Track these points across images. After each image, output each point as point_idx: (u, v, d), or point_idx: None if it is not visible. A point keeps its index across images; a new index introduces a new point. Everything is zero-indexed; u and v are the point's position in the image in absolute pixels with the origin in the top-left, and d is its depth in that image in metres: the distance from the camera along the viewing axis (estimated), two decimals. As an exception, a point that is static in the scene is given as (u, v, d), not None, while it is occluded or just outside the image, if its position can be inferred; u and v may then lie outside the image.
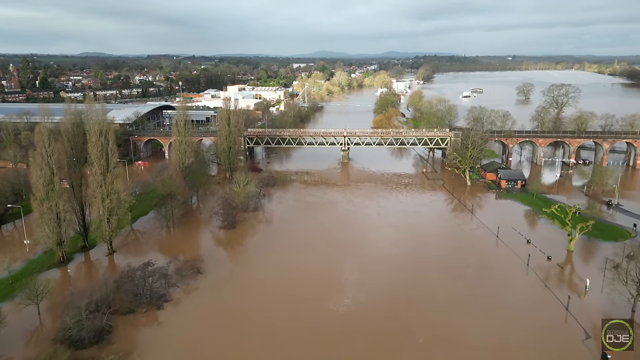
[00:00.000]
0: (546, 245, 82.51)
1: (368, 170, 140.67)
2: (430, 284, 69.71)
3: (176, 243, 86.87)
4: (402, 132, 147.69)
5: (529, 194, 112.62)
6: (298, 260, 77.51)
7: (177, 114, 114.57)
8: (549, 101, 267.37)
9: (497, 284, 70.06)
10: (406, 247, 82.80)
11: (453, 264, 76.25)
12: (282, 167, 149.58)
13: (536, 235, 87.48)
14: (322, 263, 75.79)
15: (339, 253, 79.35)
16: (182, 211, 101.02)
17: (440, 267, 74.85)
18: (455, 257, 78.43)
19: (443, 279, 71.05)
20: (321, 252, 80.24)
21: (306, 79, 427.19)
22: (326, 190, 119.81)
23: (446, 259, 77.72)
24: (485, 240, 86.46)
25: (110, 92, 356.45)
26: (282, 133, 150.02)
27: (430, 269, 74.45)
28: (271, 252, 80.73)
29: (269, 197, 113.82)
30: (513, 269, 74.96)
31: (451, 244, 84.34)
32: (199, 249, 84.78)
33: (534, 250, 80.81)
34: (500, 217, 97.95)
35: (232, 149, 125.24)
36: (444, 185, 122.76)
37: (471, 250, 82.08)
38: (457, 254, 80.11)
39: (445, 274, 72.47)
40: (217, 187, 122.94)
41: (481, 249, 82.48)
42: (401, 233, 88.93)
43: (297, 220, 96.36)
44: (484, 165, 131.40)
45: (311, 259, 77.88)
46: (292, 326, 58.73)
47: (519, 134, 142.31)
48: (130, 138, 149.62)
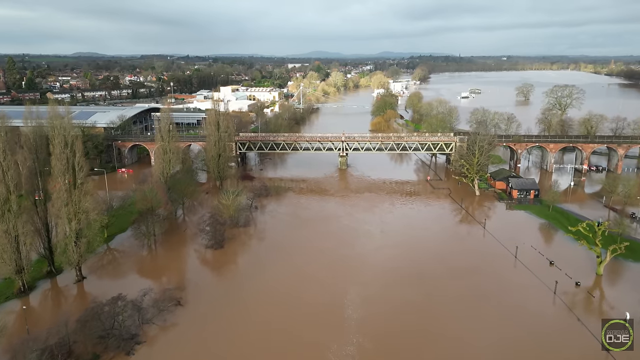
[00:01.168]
0: (571, 267, 73.65)
1: (368, 178, 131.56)
2: (446, 320, 60.50)
3: (156, 266, 77.34)
4: (404, 136, 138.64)
5: (544, 205, 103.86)
6: (293, 291, 67.90)
7: (161, 117, 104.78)
8: (552, 102, 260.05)
9: (521, 316, 60.94)
10: (415, 273, 73.46)
11: (470, 292, 67.13)
12: (276, 174, 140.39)
13: (558, 255, 78.53)
14: (321, 294, 66.09)
15: (340, 281, 69.82)
16: (166, 227, 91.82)
17: (456, 298, 65.54)
18: (472, 285, 69.23)
19: (460, 313, 61.82)
20: (320, 279, 70.68)
21: (301, 80, 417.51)
22: (324, 202, 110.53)
23: (462, 289, 68.37)
24: (503, 261, 77.48)
25: (99, 93, 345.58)
26: (276, 138, 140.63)
27: (444, 301, 65.07)
28: (262, 280, 71.17)
29: (261, 209, 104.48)
30: (537, 297, 66.00)
31: (466, 268, 74.98)
32: (181, 273, 75.25)
33: (559, 273, 71.91)
34: (515, 232, 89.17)
35: (222, 156, 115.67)
36: (450, 195, 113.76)
37: (489, 275, 73.00)
38: (473, 280, 70.92)
39: (463, 307, 63.27)
40: (206, 197, 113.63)
41: (500, 274, 73.44)
42: (408, 256, 79.05)
43: (293, 239, 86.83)
44: (493, 173, 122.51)
45: (308, 288, 68.37)
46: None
47: (528, 138, 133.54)
48: (114, 143, 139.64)
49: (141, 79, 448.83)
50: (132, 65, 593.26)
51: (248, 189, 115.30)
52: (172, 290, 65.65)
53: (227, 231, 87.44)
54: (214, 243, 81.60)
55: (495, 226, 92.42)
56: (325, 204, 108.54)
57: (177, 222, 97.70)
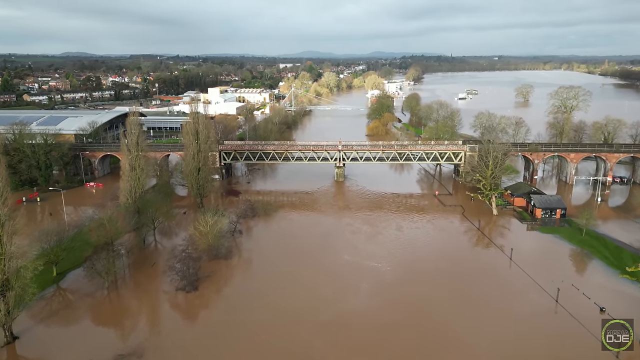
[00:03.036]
0: (625, 313, 59.64)
1: (368, 193, 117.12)
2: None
3: (111, 318, 61.86)
4: (408, 145, 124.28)
5: (574, 227, 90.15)
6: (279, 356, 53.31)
7: (128, 125, 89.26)
8: (556, 105, 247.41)
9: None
10: (435, 332, 59.11)
11: (513, 353, 53.05)
12: (266, 187, 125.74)
13: (607, 298, 64.53)
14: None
15: (341, 352, 54.91)
16: (132, 259, 76.91)
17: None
18: (514, 343, 55.07)
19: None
20: (316, 348, 55.70)
21: (293, 80, 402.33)
22: (320, 226, 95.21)
23: (502, 351, 54.32)
24: (541, 307, 63.08)
25: (79, 94, 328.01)
26: (265, 147, 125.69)
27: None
28: (241, 341, 56.36)
29: (247, 233, 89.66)
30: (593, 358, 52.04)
31: (501, 324, 60.67)
32: (141, 328, 60.16)
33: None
34: (547, 265, 75.32)
35: (202, 171, 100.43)
36: (464, 215, 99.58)
37: (529, 328, 58.73)
38: (512, 337, 56.79)
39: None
40: (185, 216, 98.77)
41: (541, 326, 59.08)
42: (425, 310, 63.05)
43: (281, 283, 70.28)
44: (511, 188, 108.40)
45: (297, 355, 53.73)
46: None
47: (546, 147, 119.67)
48: (81, 154, 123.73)
49: (126, 79, 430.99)
50: (118, 66, 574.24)
51: (233, 206, 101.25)
52: (126, 357, 50.72)
53: (204, 266, 72.59)
54: (186, 284, 66.47)
55: (523, 256, 78.20)
56: (321, 228, 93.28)
57: (148, 250, 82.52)
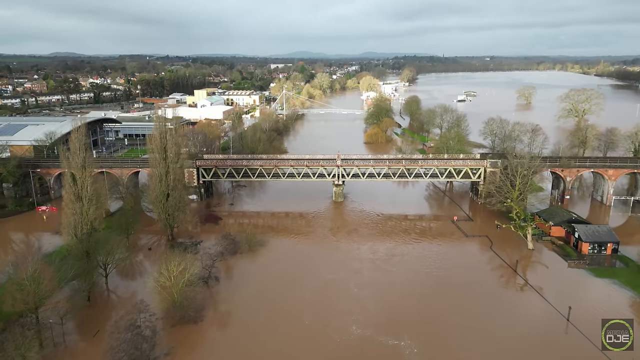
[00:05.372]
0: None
1: (373, 217, 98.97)
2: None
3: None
4: (419, 160, 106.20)
5: (632, 267, 72.64)
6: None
7: (71, 140, 70.51)
8: (567, 108, 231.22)
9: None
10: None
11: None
12: (253, 207, 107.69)
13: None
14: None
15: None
16: (71, 324, 58.37)
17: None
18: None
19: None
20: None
21: (284, 81, 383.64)
22: (316, 270, 75.76)
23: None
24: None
25: (55, 97, 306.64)
26: (252, 162, 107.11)
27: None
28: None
29: (226, 278, 71.31)
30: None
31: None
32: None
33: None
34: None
35: (172, 197, 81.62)
36: (492, 249, 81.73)
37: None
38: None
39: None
40: (150, 253, 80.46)
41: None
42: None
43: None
44: (545, 213, 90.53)
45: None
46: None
47: (580, 162, 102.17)
48: (31, 172, 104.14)
49: (109, 81, 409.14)
50: (104, 66, 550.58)
51: (211, 237, 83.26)
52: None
53: (166, 335, 54.23)
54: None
55: (582, 315, 60.22)
56: (318, 275, 73.97)
57: (95, 308, 63.61)
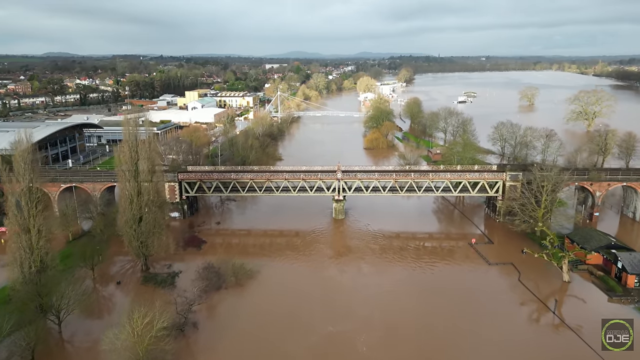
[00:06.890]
0: None
1: (379, 238, 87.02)
2: None
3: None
4: (430, 173, 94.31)
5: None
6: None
7: (15, 157, 58.15)
8: (577, 111, 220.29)
9: None
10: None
11: None
12: (243, 224, 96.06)
13: None
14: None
15: None
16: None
17: None
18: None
19: None
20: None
21: (279, 82, 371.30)
22: (314, 325, 64.52)
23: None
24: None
25: (40, 99, 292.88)
26: (242, 176, 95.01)
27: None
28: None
29: (206, 323, 59.20)
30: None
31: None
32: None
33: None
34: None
35: (144, 221, 69.30)
36: (520, 281, 69.92)
37: None
38: None
39: None
40: (118, 287, 68.42)
41: None
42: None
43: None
44: (577, 236, 78.64)
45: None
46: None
47: (612, 175, 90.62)
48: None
49: (97, 81, 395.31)
50: (94, 67, 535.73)
51: (191, 264, 71.08)
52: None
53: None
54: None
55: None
56: (317, 324, 62.57)
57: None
